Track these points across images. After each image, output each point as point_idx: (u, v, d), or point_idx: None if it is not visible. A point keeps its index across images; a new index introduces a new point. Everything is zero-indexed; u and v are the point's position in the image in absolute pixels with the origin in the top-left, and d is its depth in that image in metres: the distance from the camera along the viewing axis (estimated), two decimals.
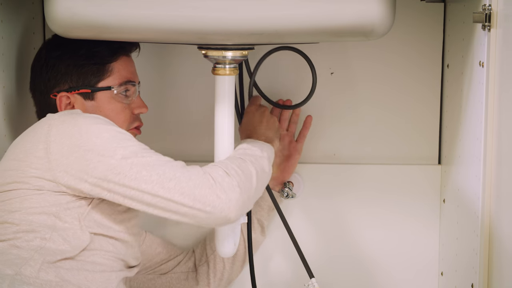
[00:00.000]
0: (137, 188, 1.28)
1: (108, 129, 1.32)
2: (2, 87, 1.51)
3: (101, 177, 1.28)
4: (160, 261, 1.70)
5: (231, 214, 1.29)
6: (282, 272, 1.81)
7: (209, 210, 1.28)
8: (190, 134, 1.79)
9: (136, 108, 1.50)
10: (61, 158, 1.29)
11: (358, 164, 1.78)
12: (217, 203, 1.28)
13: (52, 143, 1.30)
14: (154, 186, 1.28)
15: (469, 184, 1.46)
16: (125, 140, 1.32)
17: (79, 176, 1.29)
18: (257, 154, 1.42)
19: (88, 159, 1.28)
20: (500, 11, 1.27)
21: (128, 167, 1.28)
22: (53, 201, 1.30)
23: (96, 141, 1.29)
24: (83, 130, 1.31)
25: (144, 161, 1.29)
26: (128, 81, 1.48)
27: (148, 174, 1.28)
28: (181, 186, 1.28)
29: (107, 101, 1.46)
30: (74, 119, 1.33)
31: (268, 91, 1.70)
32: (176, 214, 1.29)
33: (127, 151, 1.29)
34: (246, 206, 1.34)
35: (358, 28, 1.29)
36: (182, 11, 1.27)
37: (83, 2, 1.28)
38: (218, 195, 1.28)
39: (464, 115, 1.52)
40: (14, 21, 1.57)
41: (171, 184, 1.28)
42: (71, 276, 1.28)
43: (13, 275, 1.25)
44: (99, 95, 1.45)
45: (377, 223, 1.79)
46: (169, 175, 1.29)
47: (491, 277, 1.33)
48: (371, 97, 1.77)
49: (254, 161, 1.40)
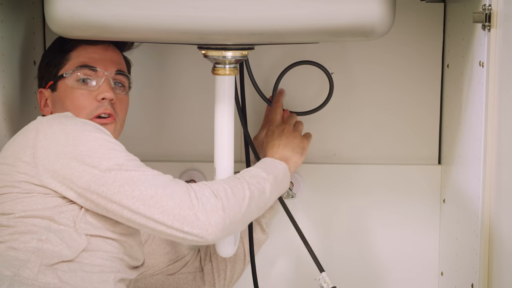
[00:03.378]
0: (118, 203, 1.27)
1: (95, 137, 1.31)
2: (2, 87, 1.51)
3: (85, 187, 1.28)
4: (168, 261, 1.69)
5: (209, 237, 1.28)
6: (285, 272, 1.81)
7: (187, 230, 1.27)
8: (190, 134, 1.79)
9: (99, 94, 1.44)
10: (47, 164, 1.29)
11: (358, 164, 1.78)
12: (196, 224, 1.27)
13: (39, 149, 1.30)
14: (135, 202, 1.27)
15: (469, 184, 1.46)
16: (112, 150, 1.30)
17: (65, 183, 1.29)
18: (262, 176, 1.40)
19: (73, 167, 1.28)
20: (500, 11, 1.27)
21: (112, 180, 1.27)
22: (44, 203, 1.29)
23: (82, 149, 1.29)
24: (70, 137, 1.30)
25: (128, 175, 1.28)
26: (83, 65, 1.45)
27: (130, 189, 1.27)
28: (161, 205, 1.27)
29: (64, 89, 1.45)
30: (62, 125, 1.32)
31: (268, 93, 1.70)
32: (155, 232, 1.29)
33: (111, 162, 1.28)
34: (230, 229, 1.31)
35: (358, 28, 1.29)
36: (182, 11, 1.27)
37: (83, 2, 1.28)
38: (197, 216, 1.27)
39: (464, 115, 1.52)
40: (14, 21, 1.57)
41: (152, 201, 1.27)
42: (68, 277, 1.27)
43: (12, 276, 1.25)
44: (59, 84, 1.46)
45: (377, 223, 1.79)
46: (151, 192, 1.27)
47: (491, 277, 1.33)
48: (371, 97, 1.77)
49: (255, 183, 1.37)
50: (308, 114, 1.69)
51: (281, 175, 1.46)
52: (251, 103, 1.72)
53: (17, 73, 1.58)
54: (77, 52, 1.47)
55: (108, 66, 1.47)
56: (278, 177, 1.44)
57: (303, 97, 1.74)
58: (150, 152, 1.79)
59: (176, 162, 1.79)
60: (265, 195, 1.39)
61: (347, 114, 1.78)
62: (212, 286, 1.71)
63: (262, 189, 1.38)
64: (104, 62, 1.47)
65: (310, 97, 1.74)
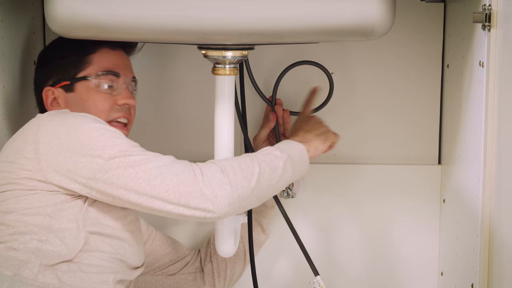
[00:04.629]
0: (124, 187, 1.27)
1: (96, 128, 1.31)
2: (2, 87, 1.51)
3: (90, 177, 1.28)
4: (169, 262, 1.70)
5: (217, 210, 1.28)
6: (284, 271, 1.81)
7: (193, 205, 1.27)
8: (190, 134, 1.79)
9: (121, 99, 1.48)
10: (50, 158, 1.29)
11: (358, 164, 1.78)
12: (202, 199, 1.27)
13: (41, 144, 1.30)
14: (141, 183, 1.27)
15: (469, 184, 1.46)
16: (114, 138, 1.31)
17: (69, 176, 1.29)
18: (275, 154, 1.39)
19: (77, 159, 1.28)
20: (500, 11, 1.27)
21: (116, 165, 1.28)
22: (47, 200, 1.29)
23: (85, 140, 1.29)
24: (71, 130, 1.30)
25: (131, 159, 1.28)
26: (107, 71, 1.47)
27: (135, 171, 1.27)
28: (166, 183, 1.27)
29: (85, 91, 1.45)
30: (63, 119, 1.33)
31: (268, 93, 1.70)
32: (164, 212, 1.29)
33: (115, 150, 1.29)
34: (238, 205, 1.31)
35: (358, 28, 1.29)
36: (182, 11, 1.27)
37: (83, 2, 1.28)
38: (203, 191, 1.27)
39: (464, 115, 1.52)
40: (14, 21, 1.57)
41: (157, 181, 1.27)
42: (67, 278, 1.28)
43: (12, 276, 1.25)
44: (78, 86, 1.45)
45: (377, 223, 1.79)
46: (155, 172, 1.28)
47: (491, 277, 1.33)
48: (371, 97, 1.77)
49: (267, 160, 1.36)
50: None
51: (298, 156, 1.43)
52: (250, 103, 1.72)
53: (17, 73, 1.58)
54: (99, 55, 1.48)
55: (127, 72, 1.51)
56: (294, 157, 1.42)
57: (302, 97, 1.74)
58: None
59: None
60: (277, 172, 1.37)
61: (347, 114, 1.78)
62: (212, 286, 1.71)
63: (274, 166, 1.37)
64: (124, 68, 1.51)
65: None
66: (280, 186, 1.40)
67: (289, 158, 1.40)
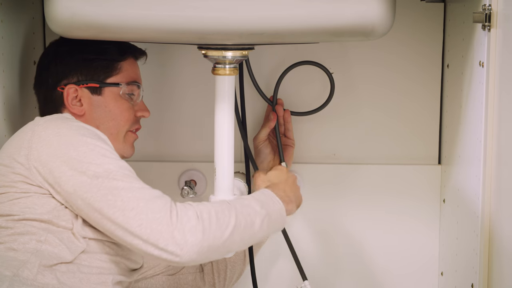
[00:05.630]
0: (99, 211, 1.26)
1: (87, 143, 1.30)
2: (2, 87, 1.51)
3: (70, 192, 1.27)
4: None
5: (184, 256, 1.25)
6: (285, 272, 1.81)
7: (161, 246, 1.24)
8: (190, 134, 1.79)
9: (139, 110, 1.51)
10: (39, 166, 1.29)
11: (358, 164, 1.78)
12: (171, 242, 1.24)
13: (32, 150, 1.30)
14: (116, 212, 1.25)
15: (469, 184, 1.46)
16: (102, 156, 1.29)
17: (54, 186, 1.29)
18: (254, 209, 1.35)
19: (62, 171, 1.27)
20: (500, 11, 1.27)
21: (96, 188, 1.26)
22: (41, 204, 1.29)
23: (73, 154, 1.28)
24: (63, 140, 1.30)
25: (114, 184, 1.26)
26: (135, 81, 1.49)
27: (113, 199, 1.25)
28: (140, 218, 1.25)
29: (113, 98, 1.46)
30: (57, 128, 1.32)
31: (269, 92, 1.70)
32: (132, 247, 1.26)
33: (100, 168, 1.27)
34: (207, 254, 1.28)
35: (358, 28, 1.29)
36: (182, 11, 1.27)
37: (83, 2, 1.28)
38: (173, 234, 1.24)
39: (464, 115, 1.52)
40: (14, 21, 1.57)
41: (132, 213, 1.25)
42: (66, 278, 1.28)
43: (12, 276, 1.25)
44: (107, 91, 1.46)
45: (377, 223, 1.79)
46: (132, 204, 1.25)
47: (491, 277, 1.33)
48: (371, 97, 1.77)
49: (245, 213, 1.33)
50: (309, 114, 1.69)
51: (276, 214, 1.40)
52: (251, 103, 1.72)
53: (17, 73, 1.58)
54: (128, 64, 1.50)
55: (141, 82, 1.54)
56: (273, 215, 1.39)
57: (303, 97, 1.74)
58: (150, 152, 1.79)
59: (176, 162, 1.79)
60: (252, 228, 1.34)
61: (347, 114, 1.78)
62: (212, 286, 1.71)
63: (251, 221, 1.34)
64: (140, 79, 1.54)
65: (310, 97, 1.74)
66: (253, 241, 1.38)
67: (267, 216, 1.37)
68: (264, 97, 1.69)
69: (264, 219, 1.35)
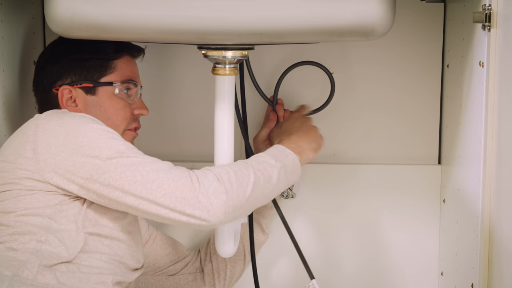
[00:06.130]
0: (121, 189, 1.27)
1: (94, 128, 1.31)
2: (2, 87, 1.51)
3: (87, 177, 1.28)
4: (170, 262, 1.69)
5: (212, 219, 1.27)
6: (285, 272, 1.81)
7: (189, 212, 1.26)
8: (190, 134, 1.79)
9: (136, 109, 1.51)
10: (48, 158, 1.29)
11: (358, 164, 1.78)
12: (198, 206, 1.26)
13: (39, 144, 1.30)
14: (138, 187, 1.27)
15: (469, 184, 1.46)
16: (111, 139, 1.31)
17: (67, 176, 1.29)
18: (270, 163, 1.38)
19: (75, 159, 1.28)
20: (500, 11, 1.27)
21: (113, 167, 1.27)
22: (46, 201, 1.29)
23: (83, 140, 1.29)
24: (70, 130, 1.30)
25: (129, 161, 1.28)
26: (130, 79, 1.49)
27: (132, 174, 1.27)
28: (163, 188, 1.27)
29: (108, 97, 1.46)
30: (61, 119, 1.33)
31: (269, 92, 1.70)
32: (159, 217, 1.28)
33: (112, 151, 1.29)
34: (233, 214, 1.30)
35: (358, 28, 1.29)
36: (182, 11, 1.27)
37: (83, 2, 1.28)
38: (199, 198, 1.27)
39: (464, 115, 1.52)
40: (14, 21, 1.57)
41: (153, 185, 1.27)
42: (66, 278, 1.28)
43: (12, 276, 1.25)
44: (101, 90, 1.46)
45: (377, 223, 1.79)
46: (153, 176, 1.28)
47: (491, 277, 1.33)
48: (371, 97, 1.77)
49: (262, 169, 1.36)
50: (309, 114, 1.69)
51: (291, 165, 1.43)
52: (251, 103, 1.72)
53: (17, 73, 1.58)
54: (123, 62, 1.49)
55: (139, 81, 1.53)
56: (288, 166, 1.42)
57: (303, 98, 1.74)
58: (150, 152, 1.77)
59: (176, 162, 1.77)
60: (271, 182, 1.37)
61: (347, 114, 1.78)
62: (212, 286, 1.71)
63: (268, 176, 1.36)
64: (138, 77, 1.53)
65: (310, 97, 1.74)
66: (273, 195, 1.40)
67: (283, 167, 1.40)
68: (264, 97, 1.69)
69: (280, 171, 1.38)
